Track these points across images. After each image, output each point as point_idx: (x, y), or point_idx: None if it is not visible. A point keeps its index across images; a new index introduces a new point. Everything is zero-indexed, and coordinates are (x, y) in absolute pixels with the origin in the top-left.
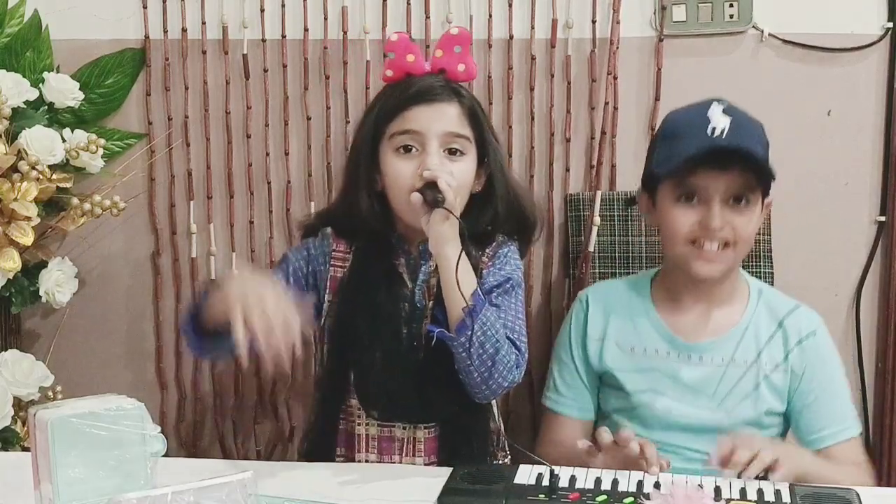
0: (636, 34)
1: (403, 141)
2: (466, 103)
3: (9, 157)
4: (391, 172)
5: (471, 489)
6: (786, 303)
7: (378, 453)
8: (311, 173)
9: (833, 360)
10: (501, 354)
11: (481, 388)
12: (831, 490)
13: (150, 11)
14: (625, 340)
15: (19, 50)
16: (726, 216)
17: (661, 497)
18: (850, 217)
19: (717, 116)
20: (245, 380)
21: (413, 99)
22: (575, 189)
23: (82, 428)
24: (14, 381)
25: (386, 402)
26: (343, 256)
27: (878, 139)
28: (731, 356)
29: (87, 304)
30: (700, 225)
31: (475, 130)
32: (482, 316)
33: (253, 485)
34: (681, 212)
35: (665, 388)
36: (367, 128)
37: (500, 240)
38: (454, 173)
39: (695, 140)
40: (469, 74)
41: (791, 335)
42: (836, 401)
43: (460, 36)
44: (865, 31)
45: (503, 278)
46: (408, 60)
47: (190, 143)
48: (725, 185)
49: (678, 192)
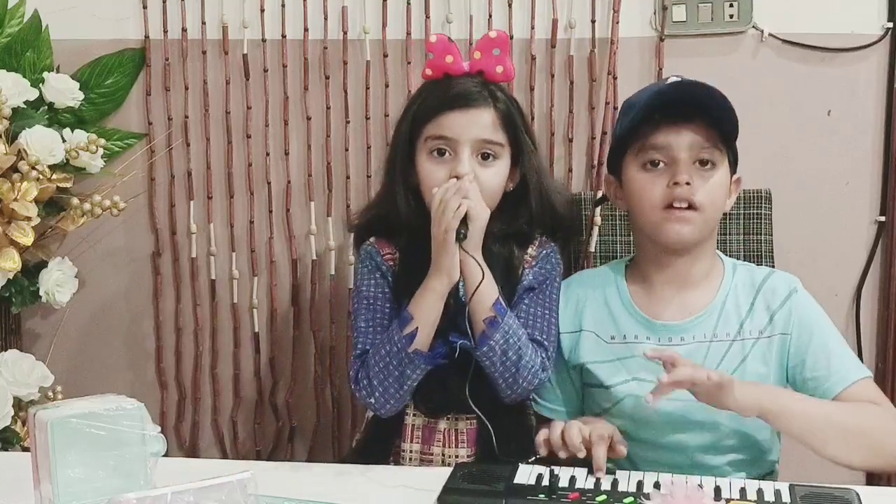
0: (636, 34)
1: (437, 145)
2: (502, 108)
3: (9, 157)
4: (424, 174)
5: (471, 489)
6: (760, 271)
7: (421, 443)
8: (311, 173)
9: (819, 313)
10: (525, 360)
11: (507, 392)
12: (831, 490)
13: (150, 11)
14: (603, 331)
15: (19, 50)
16: (692, 175)
17: (661, 497)
18: (850, 217)
19: (671, 80)
20: (245, 380)
21: (449, 104)
22: (576, 189)
23: (82, 428)
24: (14, 381)
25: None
26: (392, 258)
27: (878, 139)
28: (713, 332)
29: (87, 304)
30: (668, 185)
31: (509, 134)
32: (504, 325)
33: (253, 485)
34: (648, 178)
35: (648, 374)
36: (404, 127)
37: (543, 240)
38: (483, 178)
39: (649, 94)
40: (507, 76)
41: (771, 299)
42: (833, 349)
43: (499, 38)
44: (865, 31)
45: (543, 278)
46: (447, 61)
47: (190, 143)
48: (689, 141)
49: (642, 159)
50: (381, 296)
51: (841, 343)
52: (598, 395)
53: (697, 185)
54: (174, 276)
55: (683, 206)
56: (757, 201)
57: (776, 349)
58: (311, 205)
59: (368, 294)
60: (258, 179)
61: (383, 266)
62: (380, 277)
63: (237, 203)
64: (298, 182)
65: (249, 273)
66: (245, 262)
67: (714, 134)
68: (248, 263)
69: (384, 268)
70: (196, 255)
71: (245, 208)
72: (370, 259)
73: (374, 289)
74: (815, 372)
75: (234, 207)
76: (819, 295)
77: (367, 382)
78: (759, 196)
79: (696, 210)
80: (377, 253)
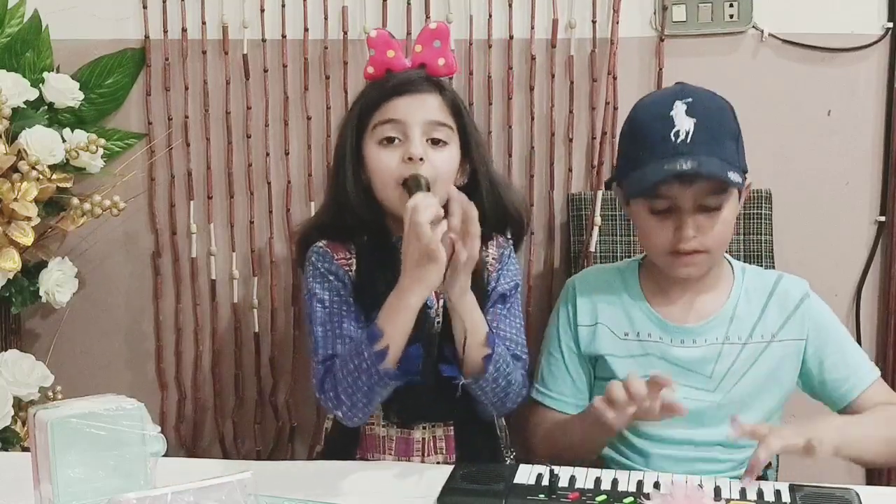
0: (636, 34)
1: (386, 132)
2: (448, 95)
3: (9, 157)
4: (375, 164)
5: (471, 489)
6: (769, 274)
7: (397, 455)
8: (311, 173)
9: (831, 315)
10: (513, 385)
11: (493, 411)
12: (831, 490)
13: (150, 11)
14: (617, 326)
15: (19, 50)
16: (699, 222)
17: (661, 497)
18: (850, 217)
19: (680, 118)
20: (245, 380)
21: (394, 90)
22: (576, 189)
23: (82, 428)
24: (14, 381)
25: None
26: (346, 262)
27: (878, 139)
28: (725, 335)
29: (87, 304)
30: (674, 234)
31: (457, 121)
32: (496, 355)
33: (253, 485)
34: (654, 223)
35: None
36: (349, 123)
37: (500, 240)
38: (437, 162)
39: (659, 149)
40: (449, 69)
41: (785, 303)
42: (848, 350)
43: (439, 30)
44: (865, 31)
45: (512, 285)
46: (388, 56)
47: (190, 143)
48: (693, 196)
49: (649, 206)
50: (336, 300)
51: (853, 343)
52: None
53: (704, 231)
54: (174, 276)
55: (690, 251)
56: (757, 201)
57: (791, 353)
58: (312, 205)
59: (324, 298)
60: (258, 179)
61: (339, 271)
62: (335, 281)
63: (237, 203)
64: (298, 182)
65: (249, 273)
66: (245, 262)
67: (718, 184)
68: (248, 263)
69: (340, 272)
70: (196, 255)
71: (245, 208)
72: (323, 261)
73: (329, 292)
74: (834, 374)
75: (234, 207)
76: (819, 295)
77: (333, 395)
78: (759, 196)
79: (704, 253)
80: (330, 257)
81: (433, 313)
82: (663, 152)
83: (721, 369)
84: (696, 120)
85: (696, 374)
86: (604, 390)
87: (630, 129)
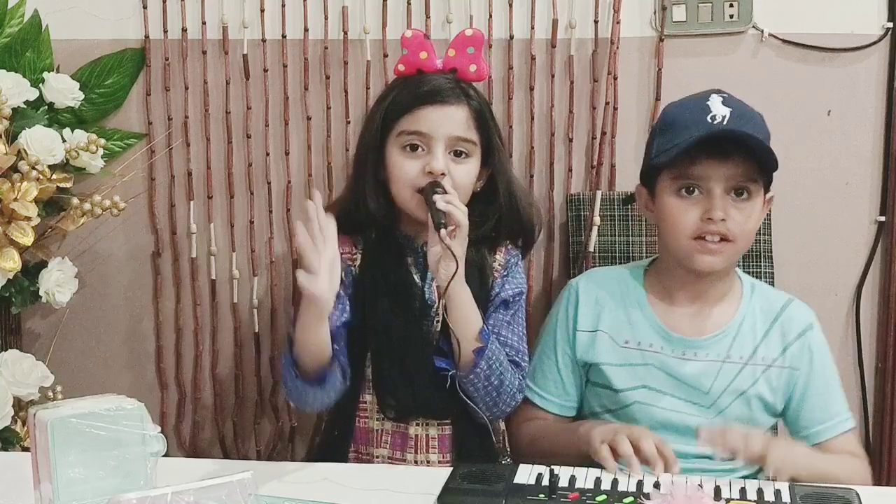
0: (636, 34)
1: (410, 140)
2: (475, 106)
3: (9, 157)
4: (396, 170)
5: (471, 489)
6: (779, 297)
7: (391, 449)
8: (311, 173)
9: (827, 353)
10: (506, 385)
11: (486, 413)
12: (831, 490)
13: (150, 11)
14: (618, 334)
15: (19, 50)
16: (727, 208)
17: (661, 497)
18: (850, 217)
19: (716, 106)
20: (245, 380)
21: (423, 99)
22: (576, 189)
23: (82, 428)
24: (14, 381)
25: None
26: (350, 256)
27: (878, 139)
28: (727, 353)
29: (87, 304)
30: (702, 218)
31: (481, 134)
32: (488, 351)
33: (253, 485)
34: (682, 205)
35: (658, 383)
36: (375, 121)
37: (508, 247)
38: (456, 176)
39: (694, 128)
40: (480, 75)
41: (787, 330)
42: (833, 394)
43: (474, 37)
44: (865, 31)
45: (516, 292)
46: (420, 58)
47: (190, 143)
48: (726, 174)
49: (678, 185)
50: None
51: (839, 388)
52: (603, 396)
53: (731, 217)
54: (174, 276)
55: (716, 239)
56: None
57: (784, 381)
58: None
59: None
60: (258, 179)
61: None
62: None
63: (237, 203)
64: (298, 182)
65: (249, 273)
66: (245, 262)
67: (752, 167)
68: (248, 263)
69: (343, 266)
70: (196, 255)
71: (245, 208)
72: None
73: None
74: (811, 413)
75: (234, 207)
76: (819, 295)
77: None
78: None
79: (728, 241)
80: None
81: (433, 312)
82: (698, 128)
83: (719, 387)
84: (733, 109)
85: (693, 389)
86: (597, 395)
87: (662, 121)
